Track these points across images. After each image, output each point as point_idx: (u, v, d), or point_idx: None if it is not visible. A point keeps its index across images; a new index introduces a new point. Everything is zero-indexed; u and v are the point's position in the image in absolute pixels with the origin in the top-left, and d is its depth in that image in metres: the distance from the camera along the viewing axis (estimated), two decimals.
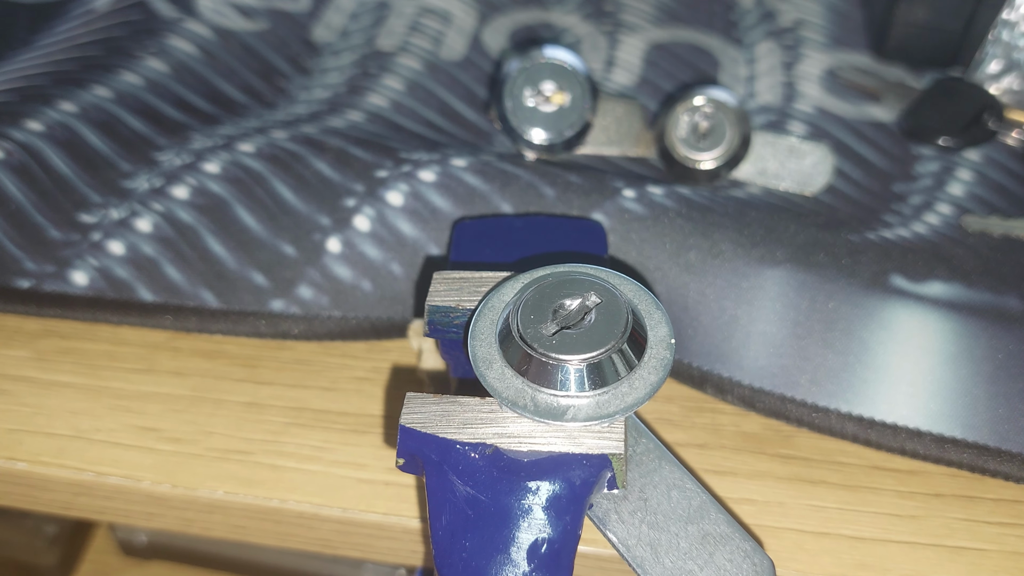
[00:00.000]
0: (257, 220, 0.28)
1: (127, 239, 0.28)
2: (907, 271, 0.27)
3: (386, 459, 0.26)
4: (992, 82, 0.32)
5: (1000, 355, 0.25)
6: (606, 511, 0.20)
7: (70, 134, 0.29)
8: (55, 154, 0.29)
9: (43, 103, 0.30)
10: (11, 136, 0.29)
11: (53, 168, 0.29)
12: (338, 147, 0.29)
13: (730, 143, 0.29)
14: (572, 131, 0.30)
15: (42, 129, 0.29)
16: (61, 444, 0.26)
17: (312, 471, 0.26)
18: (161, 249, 0.28)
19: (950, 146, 0.31)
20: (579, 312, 0.20)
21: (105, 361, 0.28)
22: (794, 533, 0.25)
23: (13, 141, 0.29)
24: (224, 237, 0.28)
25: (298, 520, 0.25)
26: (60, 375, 0.28)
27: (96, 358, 0.28)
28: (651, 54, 0.35)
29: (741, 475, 0.26)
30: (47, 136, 0.29)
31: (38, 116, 0.30)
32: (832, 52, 0.35)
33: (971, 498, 0.25)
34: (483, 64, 0.34)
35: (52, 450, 0.26)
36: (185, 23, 0.34)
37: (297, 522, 0.26)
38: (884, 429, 0.25)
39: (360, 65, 0.34)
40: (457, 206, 0.28)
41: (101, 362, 0.28)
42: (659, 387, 0.19)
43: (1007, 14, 0.31)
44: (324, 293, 0.27)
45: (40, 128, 0.29)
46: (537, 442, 0.19)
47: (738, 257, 0.27)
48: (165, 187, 0.28)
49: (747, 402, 0.26)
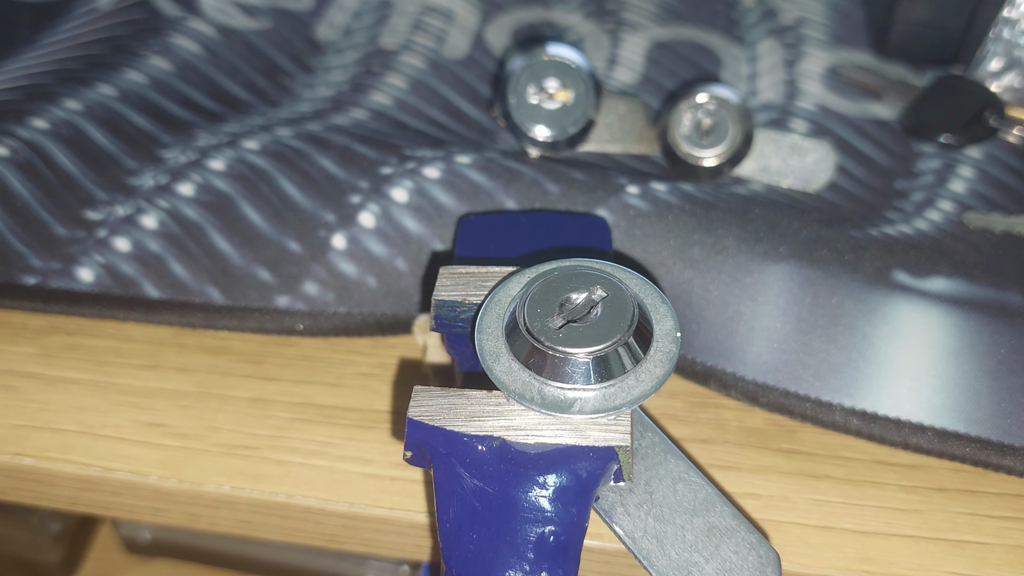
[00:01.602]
0: (262, 217, 0.28)
1: (133, 236, 0.28)
2: (910, 267, 0.27)
3: (392, 454, 0.26)
4: (993, 79, 0.33)
5: (1002, 350, 0.25)
6: (612, 504, 0.20)
7: (75, 132, 0.30)
8: (60, 152, 0.29)
9: (48, 101, 0.30)
10: (16, 134, 0.29)
11: (58, 165, 0.29)
12: (342, 144, 0.29)
13: (733, 140, 0.30)
14: (575, 128, 0.30)
15: (47, 127, 0.29)
16: (67, 440, 0.26)
17: (318, 466, 0.26)
18: (167, 246, 0.28)
19: (951, 143, 0.31)
20: (585, 306, 0.20)
21: (111, 357, 0.28)
22: (798, 527, 0.25)
23: (18, 139, 0.29)
24: (229, 234, 0.28)
25: (304, 515, 0.26)
26: (66, 371, 0.28)
27: (102, 354, 0.28)
28: (653, 52, 0.35)
29: (745, 470, 0.26)
30: (52, 134, 0.29)
31: (43, 114, 0.30)
32: (834, 50, 0.35)
33: (974, 492, 0.25)
34: (486, 62, 0.34)
35: (58, 446, 0.26)
36: (189, 21, 0.34)
37: (303, 517, 0.26)
38: (887, 424, 0.25)
39: (363, 63, 0.34)
40: (462, 203, 0.28)
41: (107, 358, 0.28)
42: (665, 380, 0.19)
43: (1008, 12, 0.31)
44: (329, 289, 0.28)
45: (45, 126, 0.29)
46: (544, 435, 0.19)
47: (742, 253, 0.27)
48: (170, 184, 0.29)
49: (751, 397, 0.26)
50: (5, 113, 0.30)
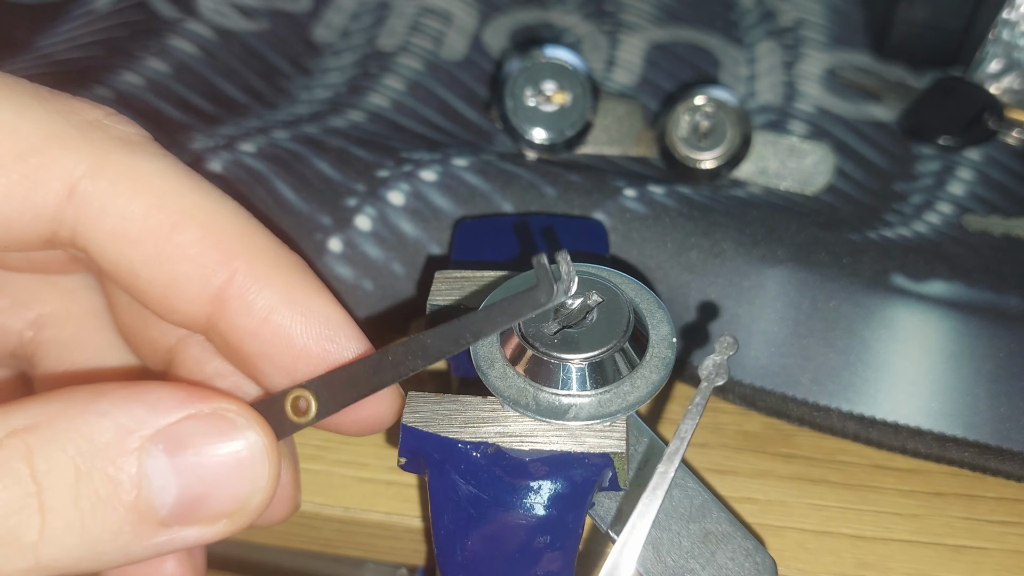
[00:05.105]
0: (258, 220, 0.28)
1: None
2: (908, 270, 0.27)
3: (388, 459, 0.26)
4: (992, 81, 0.32)
5: (1001, 354, 0.25)
6: (608, 510, 0.20)
7: None
8: None
9: None
10: None
11: None
12: (339, 147, 0.29)
13: (731, 142, 0.29)
14: (573, 130, 0.30)
15: None
16: None
17: (314, 470, 0.26)
18: None
19: (951, 145, 0.31)
20: (581, 311, 0.20)
21: None
22: (796, 532, 0.25)
23: None
24: None
25: (300, 520, 0.25)
26: None
27: None
28: (652, 54, 0.35)
29: (742, 474, 0.26)
30: None
31: None
32: (832, 51, 0.35)
33: (972, 497, 0.25)
34: (484, 64, 0.34)
35: None
36: (186, 23, 0.34)
37: (299, 522, 0.26)
38: (885, 428, 0.25)
39: (361, 65, 0.34)
40: (458, 205, 0.28)
41: None
42: (661, 386, 0.19)
43: (1007, 13, 0.31)
44: None
45: None
46: (539, 441, 0.19)
47: (739, 256, 0.27)
48: None
49: (748, 401, 0.26)
50: None
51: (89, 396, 0.16)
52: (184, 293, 0.18)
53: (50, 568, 0.15)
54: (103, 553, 0.15)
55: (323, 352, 0.18)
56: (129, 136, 0.18)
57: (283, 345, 0.18)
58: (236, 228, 0.18)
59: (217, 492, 0.16)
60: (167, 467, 0.16)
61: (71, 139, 0.17)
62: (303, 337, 0.18)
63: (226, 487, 0.16)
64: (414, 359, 0.17)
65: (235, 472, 0.17)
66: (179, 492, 0.16)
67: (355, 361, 0.18)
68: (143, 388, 0.16)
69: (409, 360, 0.17)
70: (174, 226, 0.18)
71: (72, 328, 0.22)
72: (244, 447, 0.17)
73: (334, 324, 0.19)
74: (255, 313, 0.18)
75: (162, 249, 0.18)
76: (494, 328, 0.17)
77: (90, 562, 0.15)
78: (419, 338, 0.17)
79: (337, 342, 0.19)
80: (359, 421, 0.20)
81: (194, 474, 0.16)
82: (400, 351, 0.17)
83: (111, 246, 0.18)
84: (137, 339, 0.22)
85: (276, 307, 0.18)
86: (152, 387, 0.16)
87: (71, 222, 0.17)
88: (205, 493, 0.16)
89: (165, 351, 0.21)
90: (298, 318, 0.18)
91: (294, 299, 0.18)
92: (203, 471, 0.16)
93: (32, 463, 0.15)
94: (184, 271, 0.18)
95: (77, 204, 0.17)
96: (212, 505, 0.16)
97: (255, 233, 0.19)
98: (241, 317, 0.18)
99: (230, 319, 0.18)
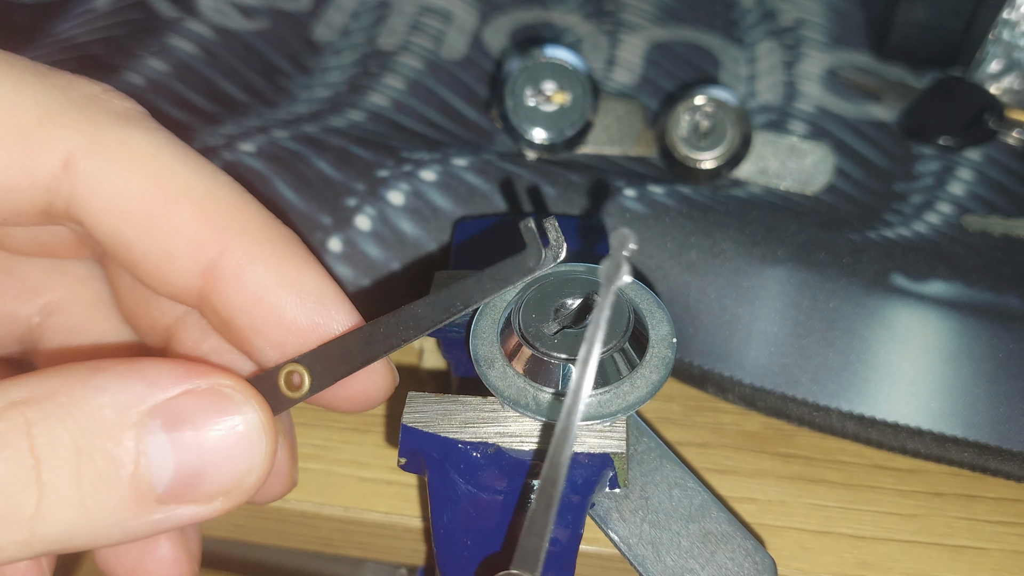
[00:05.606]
0: None
1: None
2: (908, 270, 0.27)
3: (387, 458, 0.26)
4: (992, 81, 0.32)
5: (1001, 354, 0.25)
6: (608, 510, 0.20)
7: None
8: None
9: None
10: None
11: None
12: (339, 146, 0.29)
13: (731, 142, 0.29)
14: (573, 130, 0.30)
15: None
16: None
17: (313, 470, 0.26)
18: None
19: (951, 145, 0.31)
20: (581, 311, 0.20)
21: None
22: (795, 532, 0.25)
23: None
24: None
25: (300, 519, 0.25)
26: None
27: None
28: (652, 53, 0.35)
29: (742, 474, 0.26)
30: None
31: None
32: (833, 51, 0.35)
33: (972, 497, 0.25)
34: (484, 63, 0.34)
35: None
36: (186, 22, 0.34)
37: (299, 521, 0.26)
38: (885, 428, 0.25)
39: (361, 64, 0.34)
40: (458, 205, 0.28)
41: None
42: (660, 386, 0.19)
43: (1007, 14, 0.31)
44: None
45: None
46: (539, 441, 0.19)
47: (739, 256, 0.27)
48: None
49: (748, 401, 0.26)
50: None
51: (88, 371, 0.16)
52: (176, 266, 0.18)
53: (45, 542, 0.15)
54: (99, 529, 0.15)
55: (314, 325, 0.18)
56: (126, 111, 0.18)
57: (275, 319, 0.18)
58: (228, 202, 0.18)
59: (214, 469, 0.16)
60: (165, 443, 0.16)
61: (68, 113, 0.17)
62: (294, 311, 0.18)
63: (223, 464, 0.16)
64: (406, 329, 0.17)
65: (232, 449, 0.16)
66: (176, 469, 0.16)
67: (347, 334, 0.18)
68: (141, 363, 0.16)
69: (401, 330, 0.17)
70: (167, 200, 0.18)
71: (79, 315, 0.22)
72: (241, 423, 0.17)
73: (326, 298, 0.19)
74: (246, 287, 0.18)
75: (155, 222, 0.18)
76: (484, 295, 0.17)
77: (85, 538, 0.15)
78: (410, 308, 0.17)
79: (328, 316, 0.18)
80: (351, 396, 0.20)
81: (191, 451, 0.16)
82: (391, 322, 0.17)
83: (106, 218, 0.18)
84: (139, 320, 0.22)
85: (267, 282, 0.18)
86: (150, 362, 0.16)
87: (66, 194, 0.17)
88: (202, 470, 0.16)
89: (164, 329, 0.21)
90: (289, 293, 0.18)
91: (285, 273, 0.18)
92: (200, 448, 0.16)
93: (31, 437, 0.15)
94: (176, 244, 0.18)
95: (73, 176, 0.17)
96: (209, 482, 0.16)
97: (247, 207, 0.19)
98: (232, 291, 0.18)
99: (222, 293, 0.18)
